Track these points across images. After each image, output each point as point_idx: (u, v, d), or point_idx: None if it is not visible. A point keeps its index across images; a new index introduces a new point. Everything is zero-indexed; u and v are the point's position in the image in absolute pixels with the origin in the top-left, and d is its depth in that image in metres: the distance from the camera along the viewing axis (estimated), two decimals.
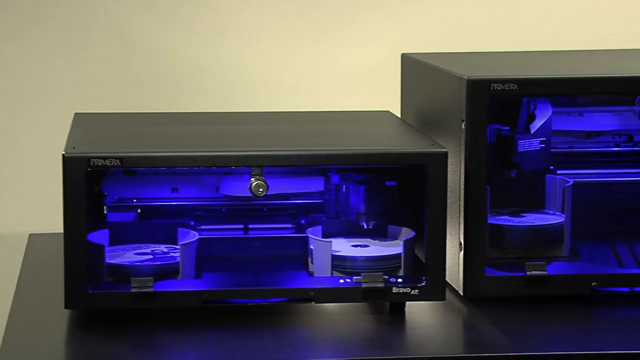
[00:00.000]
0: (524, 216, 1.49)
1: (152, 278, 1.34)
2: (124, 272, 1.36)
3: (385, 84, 1.80)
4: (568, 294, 1.42)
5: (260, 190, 1.37)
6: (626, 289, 1.42)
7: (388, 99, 1.75)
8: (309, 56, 1.85)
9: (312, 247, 1.42)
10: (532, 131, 1.47)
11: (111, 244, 1.43)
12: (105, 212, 1.45)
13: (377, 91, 1.83)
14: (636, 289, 1.42)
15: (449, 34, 1.84)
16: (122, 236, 1.45)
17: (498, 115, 1.47)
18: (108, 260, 1.38)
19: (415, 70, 1.63)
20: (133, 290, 1.33)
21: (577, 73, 1.44)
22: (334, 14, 1.84)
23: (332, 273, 1.39)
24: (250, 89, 1.84)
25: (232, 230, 1.47)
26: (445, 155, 1.35)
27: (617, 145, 1.57)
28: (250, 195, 1.37)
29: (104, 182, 1.45)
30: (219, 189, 1.47)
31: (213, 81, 1.83)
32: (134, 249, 1.43)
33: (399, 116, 1.66)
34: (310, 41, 1.84)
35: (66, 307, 1.33)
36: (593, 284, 1.41)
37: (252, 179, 1.37)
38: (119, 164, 1.32)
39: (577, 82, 1.42)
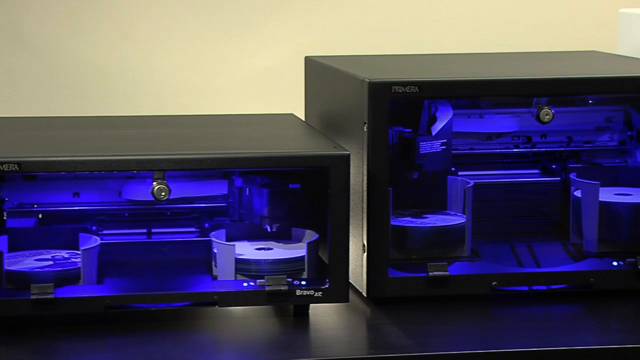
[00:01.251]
0: (426, 217, 1.51)
1: (52, 284, 1.32)
2: (24, 279, 1.34)
3: (290, 86, 1.80)
4: (469, 294, 1.44)
5: (163, 194, 1.36)
6: (525, 288, 1.45)
7: (292, 101, 1.75)
8: (213, 59, 1.84)
9: (215, 251, 1.41)
10: (434, 133, 1.49)
11: (10, 250, 1.41)
12: (4, 217, 1.43)
13: (281, 94, 1.84)
14: (535, 287, 1.44)
15: (352, 36, 1.85)
16: (21, 242, 1.42)
17: (400, 117, 1.48)
18: (7, 267, 1.35)
19: (319, 73, 1.63)
20: (33, 296, 1.31)
21: (477, 76, 1.46)
22: (237, 17, 1.84)
23: (235, 276, 1.39)
24: (153, 92, 1.82)
25: (134, 234, 1.46)
26: (347, 158, 1.36)
27: (516, 147, 1.60)
28: (153, 199, 1.36)
29: (3, 188, 1.43)
30: (121, 193, 1.46)
31: (117, 85, 1.81)
32: (34, 255, 1.41)
33: (303, 119, 1.67)
34: (215, 44, 1.84)
35: None
36: (493, 283, 1.43)
37: (154, 183, 1.36)
38: (17, 169, 1.30)
39: (477, 84, 1.44)
